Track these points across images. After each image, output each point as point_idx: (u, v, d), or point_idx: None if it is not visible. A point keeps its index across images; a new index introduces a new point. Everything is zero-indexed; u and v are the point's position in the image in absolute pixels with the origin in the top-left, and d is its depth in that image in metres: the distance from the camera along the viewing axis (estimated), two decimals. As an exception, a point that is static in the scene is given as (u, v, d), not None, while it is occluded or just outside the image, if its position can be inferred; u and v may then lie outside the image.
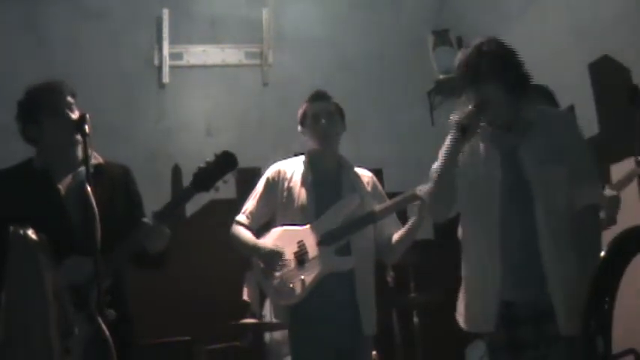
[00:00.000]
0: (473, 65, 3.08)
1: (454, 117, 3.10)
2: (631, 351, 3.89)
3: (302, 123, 3.93)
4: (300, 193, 3.83)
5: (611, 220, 3.83)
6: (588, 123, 5.42)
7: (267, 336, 5.39)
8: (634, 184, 4.30)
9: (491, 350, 3.16)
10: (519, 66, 3.13)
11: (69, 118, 3.17)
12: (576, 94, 5.20)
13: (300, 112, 3.95)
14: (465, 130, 3.06)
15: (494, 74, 3.06)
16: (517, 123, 3.12)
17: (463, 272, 3.27)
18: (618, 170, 4.44)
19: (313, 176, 3.87)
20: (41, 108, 3.23)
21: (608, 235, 2.72)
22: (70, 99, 3.24)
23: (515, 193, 3.07)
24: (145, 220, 3.12)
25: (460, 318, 3.27)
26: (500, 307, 3.04)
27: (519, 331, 3.03)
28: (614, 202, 3.93)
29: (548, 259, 2.98)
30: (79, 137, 3.09)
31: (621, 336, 2.74)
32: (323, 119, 3.85)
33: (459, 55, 3.18)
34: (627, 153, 4.16)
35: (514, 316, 3.03)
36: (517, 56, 3.15)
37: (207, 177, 3.15)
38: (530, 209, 3.03)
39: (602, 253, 1.90)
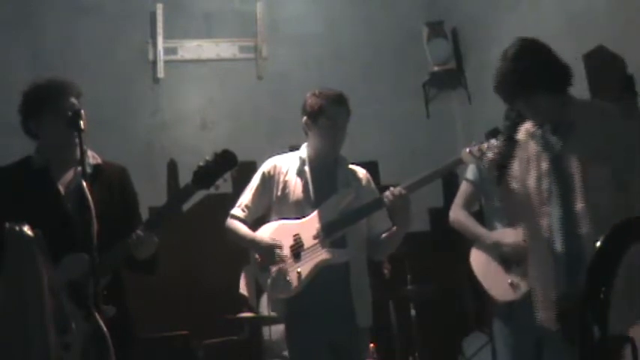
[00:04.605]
0: (510, 81, 3.08)
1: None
2: (627, 339, 3.90)
3: (313, 118, 3.83)
4: (296, 188, 3.83)
5: None
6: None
7: (266, 330, 5.40)
8: None
9: None
10: (556, 64, 3.13)
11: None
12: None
13: (312, 105, 3.83)
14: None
15: (535, 86, 3.06)
16: (561, 124, 3.14)
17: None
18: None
19: (309, 171, 3.87)
20: (43, 104, 3.22)
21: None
22: (73, 100, 3.23)
23: (561, 197, 3.10)
24: (133, 235, 3.13)
25: None
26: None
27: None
28: None
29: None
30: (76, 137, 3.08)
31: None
32: (340, 125, 3.82)
33: (497, 66, 3.17)
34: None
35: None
36: (551, 53, 3.14)
37: (207, 175, 3.16)
38: (572, 211, 3.06)
39: (599, 243, 1.90)
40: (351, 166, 3.99)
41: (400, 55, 7.17)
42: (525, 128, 3.25)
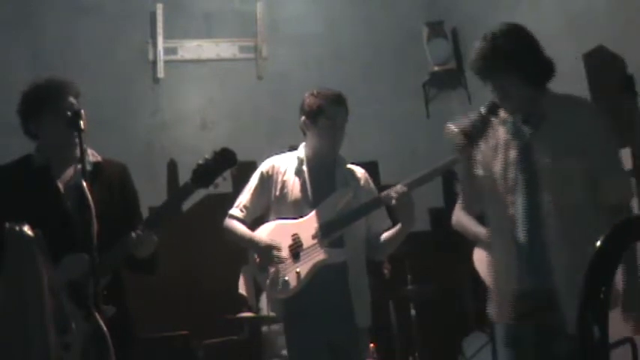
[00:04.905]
0: (488, 59, 3.03)
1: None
2: (628, 340, 3.91)
3: (312, 118, 3.82)
4: (294, 188, 3.83)
5: None
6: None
7: (265, 329, 5.41)
8: None
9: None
10: (537, 54, 3.06)
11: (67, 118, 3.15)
12: (571, 84, 5.19)
13: (311, 105, 3.82)
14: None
15: (511, 68, 3.01)
16: (533, 114, 3.09)
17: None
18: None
19: (307, 171, 3.87)
20: (43, 105, 3.22)
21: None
22: (72, 100, 3.23)
23: (527, 187, 3.06)
24: (132, 234, 3.12)
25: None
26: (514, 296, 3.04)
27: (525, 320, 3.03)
28: None
29: (555, 254, 2.95)
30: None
31: (618, 325, 2.75)
32: (339, 125, 3.82)
33: (475, 45, 3.13)
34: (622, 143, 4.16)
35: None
36: (534, 43, 3.08)
37: (206, 173, 3.16)
38: (538, 203, 3.01)
39: (599, 242, 1.90)
40: (349, 166, 3.99)
41: (400, 55, 7.17)
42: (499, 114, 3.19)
